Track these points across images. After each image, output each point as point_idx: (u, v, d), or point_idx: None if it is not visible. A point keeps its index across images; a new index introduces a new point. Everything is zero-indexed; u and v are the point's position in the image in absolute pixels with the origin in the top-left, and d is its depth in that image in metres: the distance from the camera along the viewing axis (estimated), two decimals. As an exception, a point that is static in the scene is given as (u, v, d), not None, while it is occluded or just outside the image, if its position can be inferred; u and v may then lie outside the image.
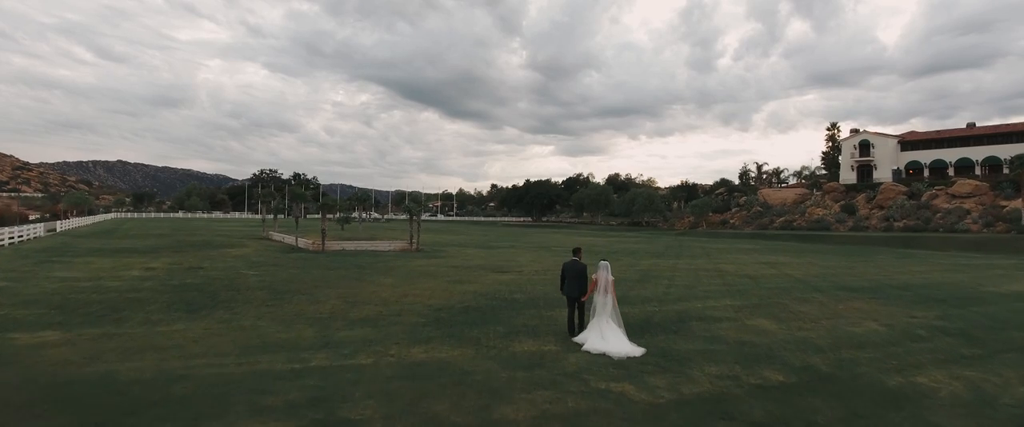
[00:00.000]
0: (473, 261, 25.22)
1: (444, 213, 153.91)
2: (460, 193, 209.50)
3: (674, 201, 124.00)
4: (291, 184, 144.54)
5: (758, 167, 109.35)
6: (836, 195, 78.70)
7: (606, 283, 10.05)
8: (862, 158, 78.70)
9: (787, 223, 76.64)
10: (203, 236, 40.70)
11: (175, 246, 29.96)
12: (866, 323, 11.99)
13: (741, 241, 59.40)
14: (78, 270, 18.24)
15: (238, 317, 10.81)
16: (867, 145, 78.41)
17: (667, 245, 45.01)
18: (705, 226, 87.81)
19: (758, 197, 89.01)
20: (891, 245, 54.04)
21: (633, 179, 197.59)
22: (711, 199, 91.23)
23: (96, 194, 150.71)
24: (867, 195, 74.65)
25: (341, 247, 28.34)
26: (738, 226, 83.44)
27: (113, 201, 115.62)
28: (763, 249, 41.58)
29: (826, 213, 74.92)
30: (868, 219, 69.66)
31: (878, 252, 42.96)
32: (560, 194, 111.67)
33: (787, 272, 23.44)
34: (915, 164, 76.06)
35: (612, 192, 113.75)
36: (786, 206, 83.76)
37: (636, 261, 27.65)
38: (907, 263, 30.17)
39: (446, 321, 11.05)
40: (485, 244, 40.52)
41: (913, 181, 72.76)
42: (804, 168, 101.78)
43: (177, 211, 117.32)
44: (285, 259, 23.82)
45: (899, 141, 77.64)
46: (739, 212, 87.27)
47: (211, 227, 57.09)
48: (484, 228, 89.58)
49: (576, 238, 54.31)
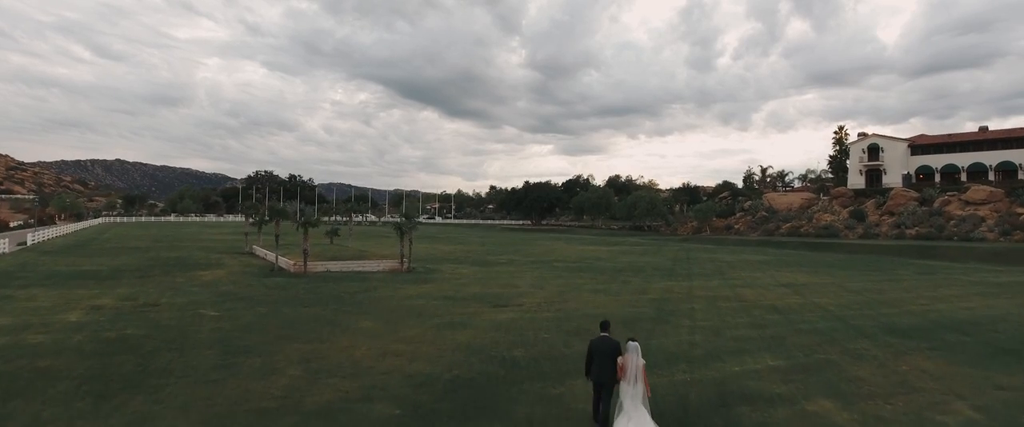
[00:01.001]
0: (468, 287, 22.88)
1: (442, 215, 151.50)
2: (458, 194, 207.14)
3: (676, 204, 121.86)
4: (287, 186, 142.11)
5: (762, 170, 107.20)
6: (844, 200, 76.49)
7: (636, 369, 7.71)
8: (871, 162, 76.47)
9: (794, 229, 74.43)
10: (183, 249, 38.28)
11: (144, 267, 27.55)
12: (953, 404, 9.65)
13: (749, 250, 57.06)
14: (5, 313, 15.83)
15: (159, 410, 8.43)
16: (876, 149, 76.17)
17: (674, 257, 42.68)
18: (709, 231, 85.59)
19: (763, 202, 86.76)
20: (906, 255, 51.74)
21: (634, 180, 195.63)
22: (715, 203, 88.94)
23: (90, 195, 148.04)
24: (877, 201, 72.45)
25: (325, 268, 25.98)
26: (743, 232, 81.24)
27: (104, 204, 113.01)
28: (775, 261, 39.24)
29: (835, 219, 72.72)
30: (878, 226, 67.47)
31: (896, 265, 40.68)
32: (560, 197, 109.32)
33: (815, 300, 21.12)
34: (926, 169, 73.83)
35: (613, 195, 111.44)
36: (792, 211, 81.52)
37: (646, 283, 25.32)
38: (936, 284, 27.85)
39: (426, 412, 8.68)
40: (482, 258, 38.14)
41: (924, 187, 70.56)
42: (809, 171, 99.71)
43: (170, 213, 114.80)
44: (259, 287, 21.43)
45: (909, 145, 75.42)
46: (744, 217, 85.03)
47: (197, 236, 54.64)
48: (482, 233, 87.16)
49: (577, 247, 51.78)
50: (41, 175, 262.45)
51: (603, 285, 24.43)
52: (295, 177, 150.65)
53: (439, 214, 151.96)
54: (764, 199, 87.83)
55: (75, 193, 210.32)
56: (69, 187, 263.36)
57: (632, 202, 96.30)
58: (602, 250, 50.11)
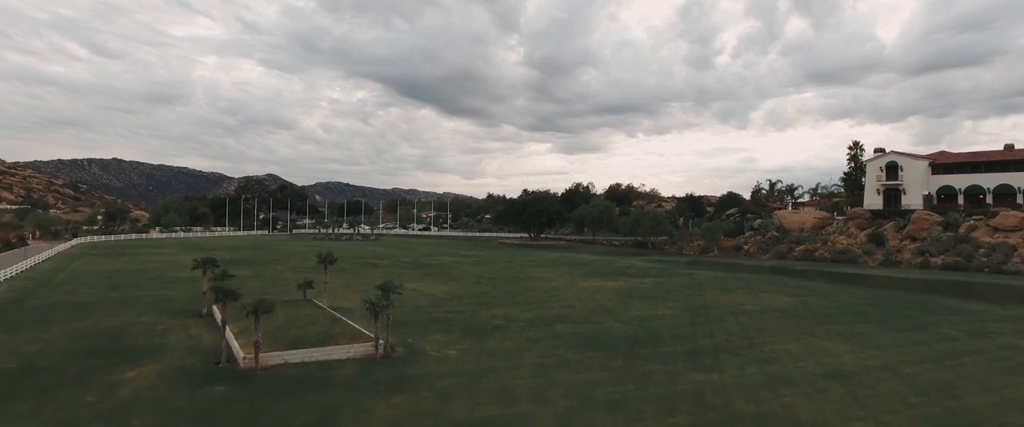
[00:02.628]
0: (455, 400, 18.77)
1: (438, 225, 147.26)
2: (456, 200, 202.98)
3: (680, 216, 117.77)
4: (277, 196, 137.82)
5: (771, 184, 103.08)
6: (861, 222, 72.37)
7: None
8: (889, 181, 72.35)
9: (808, 252, 70.31)
10: (132, 307, 34.02)
11: (66, 356, 23.35)
12: None
13: (765, 281, 52.95)
14: None
15: None
16: (895, 168, 72.06)
17: (688, 300, 38.46)
18: (716, 251, 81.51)
19: (774, 220, 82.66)
20: (938, 291, 47.58)
21: (635, 188, 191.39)
22: (722, 222, 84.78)
23: (74, 205, 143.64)
24: (896, 223, 68.35)
25: (283, 360, 21.71)
26: (753, 253, 77.13)
27: (84, 219, 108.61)
28: (802, 311, 34.94)
29: (852, 243, 68.62)
30: (900, 252, 63.36)
31: (936, 312, 36.72)
32: (559, 212, 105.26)
33: (884, 421, 17.02)
34: (948, 189, 69.74)
35: (615, 209, 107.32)
36: (805, 231, 77.41)
37: (671, 376, 21.11)
38: (999, 356, 23.68)
39: None
40: (475, 313, 33.92)
41: (948, 210, 66.43)
42: (819, 185, 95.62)
43: (155, 226, 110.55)
44: (186, 413, 17.06)
45: (930, 163, 71.31)
46: (754, 236, 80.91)
47: (164, 272, 50.36)
48: (479, 250, 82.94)
49: (581, 282, 47.32)
50: (30, 180, 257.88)
51: (619, 385, 20.18)
52: (287, 186, 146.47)
53: (435, 224, 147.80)
54: (774, 217, 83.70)
55: (59, 204, 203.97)
56: (59, 191, 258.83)
57: (636, 219, 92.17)
58: (609, 287, 45.86)
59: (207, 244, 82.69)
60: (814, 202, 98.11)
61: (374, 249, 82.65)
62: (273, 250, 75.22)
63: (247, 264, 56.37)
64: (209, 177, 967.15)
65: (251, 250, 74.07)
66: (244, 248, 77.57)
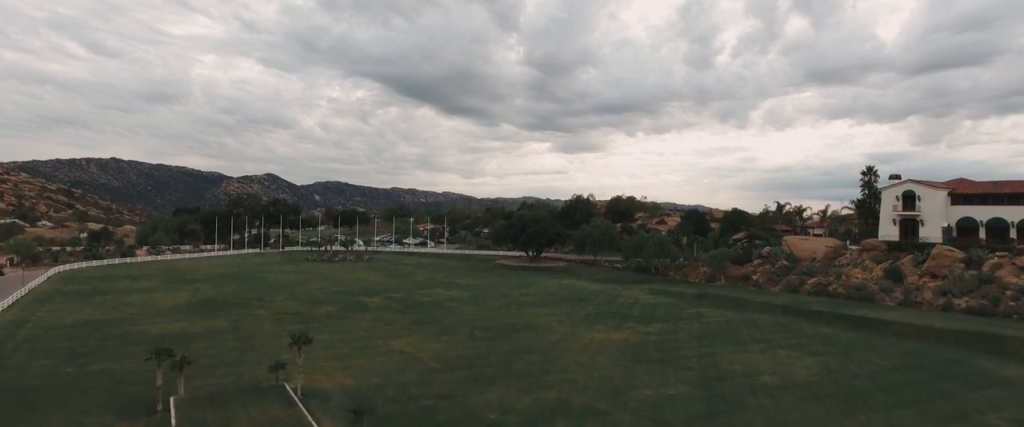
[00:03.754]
0: None
1: (434, 240, 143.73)
2: (453, 211, 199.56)
3: (683, 236, 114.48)
4: (269, 211, 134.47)
5: (779, 206, 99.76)
6: (877, 254, 69.00)
7: None
8: (906, 212, 69.01)
9: (821, 286, 66.94)
10: (91, 385, 30.62)
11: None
12: None
13: (778, 324, 49.54)
14: None
15: None
16: (912, 197, 68.72)
17: (701, 366, 35.01)
18: (724, 280, 78.14)
19: (783, 248, 79.27)
20: (968, 346, 44.14)
21: (637, 200, 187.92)
22: (730, 249, 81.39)
23: (60, 222, 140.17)
24: (914, 257, 64.99)
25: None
26: (763, 284, 73.76)
27: (68, 238, 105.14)
28: (824, 377, 31.42)
29: (867, 277, 65.25)
30: (920, 290, 59.99)
31: (968, 377, 33.47)
32: (559, 233, 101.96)
33: None
34: (968, 221, 66.40)
35: (617, 230, 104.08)
36: (817, 261, 74.04)
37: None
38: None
39: None
40: (474, 377, 30.52)
41: (969, 245, 63.04)
42: (829, 208, 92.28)
43: (142, 246, 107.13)
44: None
45: (949, 193, 67.95)
46: (762, 265, 77.52)
47: (140, 319, 47.01)
48: (477, 277, 79.42)
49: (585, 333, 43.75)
50: (22, 187, 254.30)
51: None
52: (279, 201, 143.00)
53: (432, 238, 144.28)
54: (784, 244, 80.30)
55: (52, 212, 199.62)
56: (52, 198, 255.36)
57: (639, 243, 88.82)
58: (614, 341, 42.34)
59: (192, 272, 79.28)
60: (822, 224, 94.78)
61: (366, 276, 79.23)
62: (259, 281, 71.83)
63: (227, 307, 52.96)
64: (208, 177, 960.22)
65: (236, 281, 70.68)
66: (229, 278, 74.18)
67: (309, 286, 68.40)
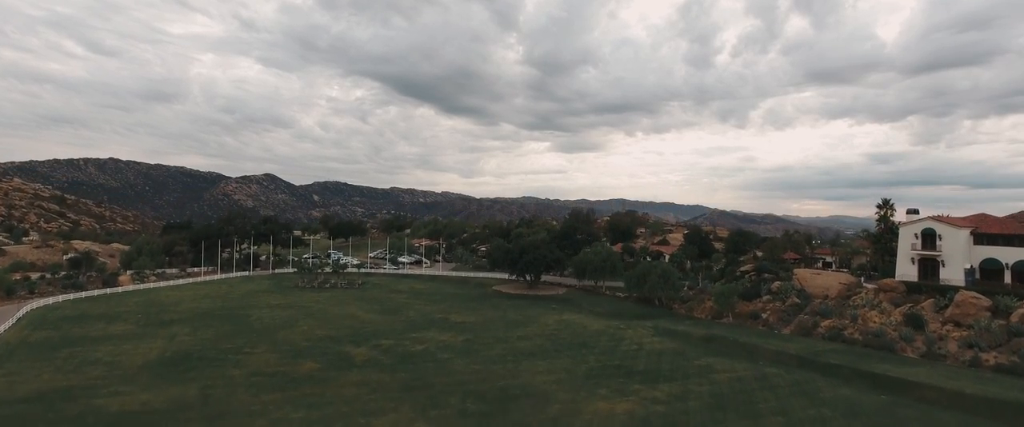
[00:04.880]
0: None
1: (430, 258, 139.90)
2: (450, 224, 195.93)
3: (686, 259, 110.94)
4: (260, 230, 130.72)
5: (788, 234, 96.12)
6: (895, 296, 65.27)
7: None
8: (926, 251, 65.30)
9: (836, 330, 63.18)
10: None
11: None
12: None
13: (795, 384, 45.77)
14: None
15: None
16: (933, 235, 65.00)
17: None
18: (731, 318, 74.42)
19: (794, 283, 75.55)
20: (1003, 419, 40.64)
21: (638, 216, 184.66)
22: (737, 284, 77.71)
23: (45, 239, 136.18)
24: (936, 302, 61.29)
25: None
26: (773, 324, 70.03)
27: (50, 264, 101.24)
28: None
29: (885, 322, 61.52)
30: (943, 341, 56.27)
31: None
32: (558, 259, 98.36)
33: None
34: (992, 263, 62.73)
35: (619, 258, 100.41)
36: (830, 299, 70.36)
37: None
38: None
39: None
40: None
41: (995, 290, 59.32)
42: (839, 236, 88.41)
43: (126, 271, 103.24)
44: None
45: (972, 232, 64.26)
46: (772, 302, 73.81)
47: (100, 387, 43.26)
48: (472, 310, 75.37)
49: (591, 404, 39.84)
50: (12, 196, 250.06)
51: None
52: (270, 220, 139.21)
53: (427, 256, 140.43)
54: (795, 279, 76.61)
55: (42, 222, 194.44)
56: (44, 207, 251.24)
57: (643, 273, 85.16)
58: (618, 413, 38.53)
59: (173, 307, 75.52)
60: (832, 252, 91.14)
61: (356, 312, 75.51)
62: (241, 321, 68.17)
63: (201, 364, 49.13)
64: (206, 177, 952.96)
65: (216, 322, 67.01)
66: (210, 316, 70.51)
67: (294, 328, 64.70)
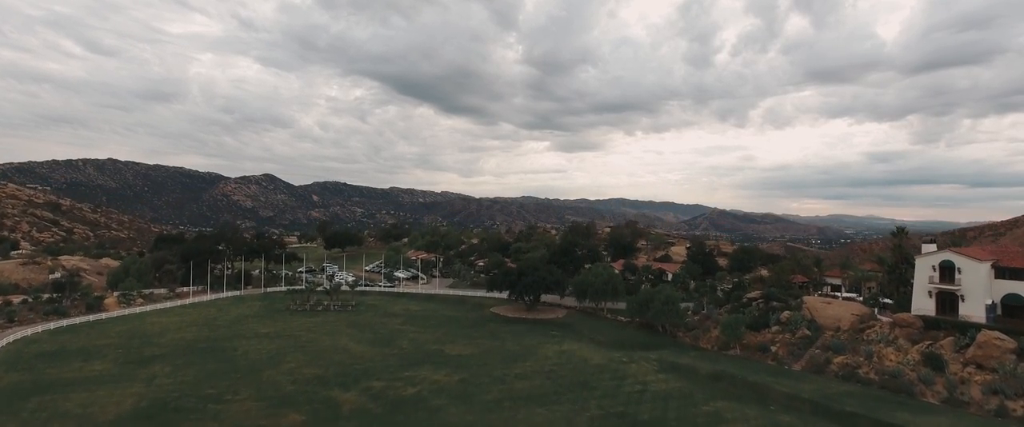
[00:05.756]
0: None
1: (427, 273, 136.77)
2: (448, 236, 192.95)
3: (690, 279, 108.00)
4: (252, 245, 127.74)
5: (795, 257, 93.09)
6: (911, 332, 62.17)
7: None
8: (944, 285, 62.23)
9: (850, 369, 60.16)
10: None
11: None
12: None
13: None
14: None
15: None
16: (951, 269, 61.93)
17: None
18: (739, 350, 71.39)
19: (804, 312, 72.48)
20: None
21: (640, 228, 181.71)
22: (743, 314, 74.65)
23: (33, 256, 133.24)
24: (956, 340, 58.21)
25: None
26: (783, 358, 66.99)
27: (34, 287, 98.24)
28: None
29: (902, 362, 58.46)
30: (966, 385, 53.22)
31: None
32: (558, 281, 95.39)
33: None
34: (1015, 299, 59.64)
35: (621, 280, 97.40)
36: (842, 332, 67.30)
37: None
38: None
39: None
40: None
41: (1018, 329, 56.21)
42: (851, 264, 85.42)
43: (113, 291, 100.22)
44: None
45: (993, 266, 61.16)
46: (782, 334, 70.74)
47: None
48: (469, 340, 72.12)
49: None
50: (5, 204, 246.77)
51: None
52: (263, 235, 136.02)
53: (424, 271, 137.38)
54: (804, 308, 73.54)
55: (34, 232, 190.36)
56: (36, 215, 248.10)
57: (646, 298, 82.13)
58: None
59: (157, 339, 72.56)
60: (841, 274, 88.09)
61: (347, 345, 72.47)
62: (226, 357, 65.24)
63: (175, 417, 46.00)
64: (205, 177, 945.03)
65: (200, 359, 64.09)
66: (194, 351, 67.55)
67: (280, 365, 61.70)
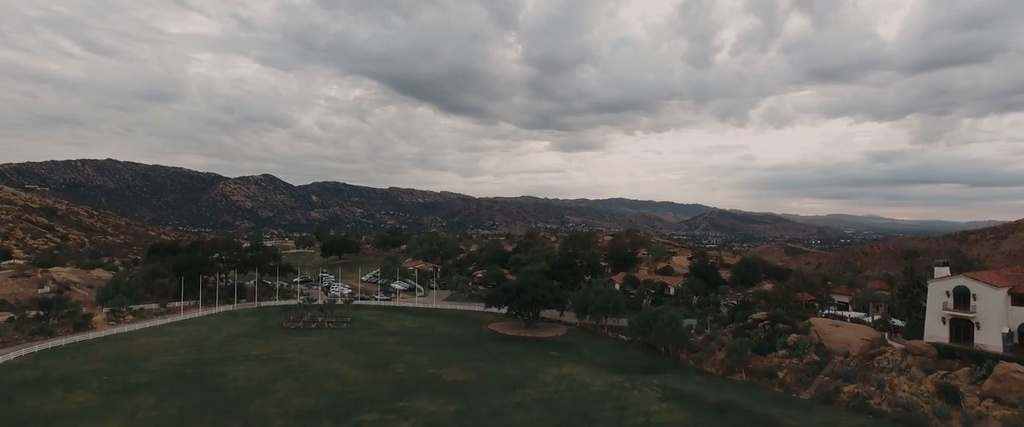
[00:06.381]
0: None
1: (425, 284, 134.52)
2: (447, 243, 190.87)
3: (693, 294, 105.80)
4: (246, 257, 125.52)
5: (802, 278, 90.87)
6: (925, 361, 59.93)
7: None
8: (959, 312, 60.00)
9: (861, 399, 57.95)
10: None
11: None
12: None
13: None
14: None
15: None
16: (966, 295, 59.69)
17: None
18: (745, 376, 69.15)
19: (812, 336, 70.23)
20: None
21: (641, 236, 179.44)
22: (749, 339, 72.38)
23: (23, 268, 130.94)
24: (972, 371, 55.99)
25: None
26: (791, 385, 64.76)
27: (22, 303, 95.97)
28: None
29: (916, 393, 56.23)
30: (983, 421, 50.98)
31: None
32: (558, 298, 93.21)
33: None
34: (1034, 327, 57.44)
35: (622, 297, 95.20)
36: (851, 358, 65.10)
37: None
38: None
39: None
40: None
41: (1038, 360, 54.04)
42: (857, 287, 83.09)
43: (101, 306, 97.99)
44: None
45: (1009, 292, 58.91)
46: (789, 358, 68.49)
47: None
48: (466, 363, 69.71)
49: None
50: (2, 207, 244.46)
51: None
52: (259, 245, 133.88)
53: (421, 282, 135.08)
54: (812, 331, 71.28)
55: (28, 239, 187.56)
56: (31, 221, 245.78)
57: (649, 319, 79.92)
58: None
59: (144, 364, 70.32)
60: (850, 292, 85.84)
61: (339, 369, 70.20)
62: (213, 386, 63.02)
63: None
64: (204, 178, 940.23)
65: (186, 387, 61.94)
66: (182, 378, 65.33)
67: (270, 395, 59.49)
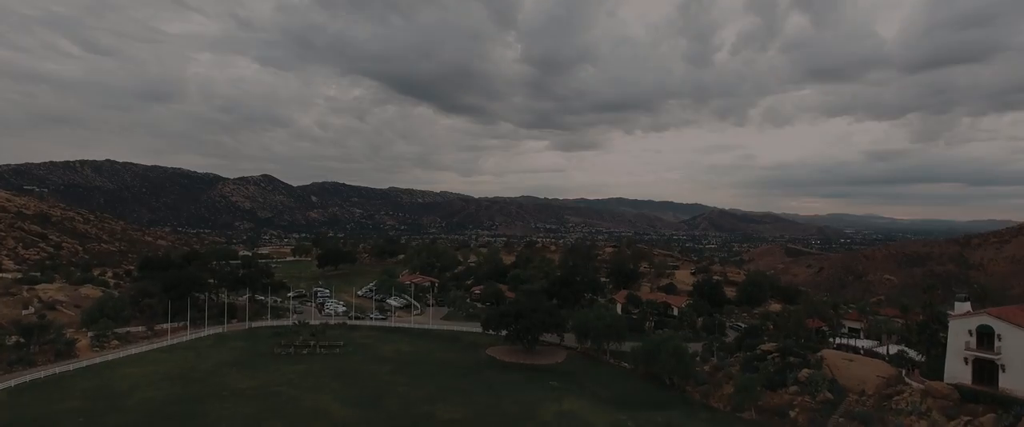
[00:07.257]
0: None
1: (422, 300, 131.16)
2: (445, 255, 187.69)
3: (697, 316, 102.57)
4: (238, 274, 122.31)
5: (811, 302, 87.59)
6: (946, 405, 56.55)
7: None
8: (982, 352, 56.69)
9: (879, 446, 54.66)
10: None
11: None
12: None
13: None
14: None
15: None
16: (990, 335, 56.35)
17: None
18: (754, 414, 65.84)
19: (825, 372, 66.93)
20: None
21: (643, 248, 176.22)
22: (758, 374, 69.07)
23: (8, 286, 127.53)
24: (998, 418, 52.62)
25: None
26: (802, 426, 61.46)
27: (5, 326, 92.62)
28: None
29: (938, 442, 52.92)
30: (1013, 477, 47.72)
31: None
32: (557, 323, 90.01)
33: None
34: (1063, 370, 54.08)
35: (624, 322, 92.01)
36: (866, 397, 61.81)
37: None
38: None
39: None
40: None
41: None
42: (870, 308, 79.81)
43: (86, 329, 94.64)
44: None
45: (1035, 331, 55.51)
46: (801, 397, 65.15)
47: None
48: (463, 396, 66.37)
49: None
50: None
51: None
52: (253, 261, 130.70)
53: (417, 297, 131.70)
54: (825, 365, 67.99)
55: (20, 248, 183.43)
56: (24, 229, 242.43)
57: (652, 348, 76.75)
58: None
59: (125, 397, 66.92)
60: (861, 319, 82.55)
61: (329, 407, 66.71)
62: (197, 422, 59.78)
63: None
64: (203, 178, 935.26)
65: None
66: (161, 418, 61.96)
67: (252, 441, 56.31)
